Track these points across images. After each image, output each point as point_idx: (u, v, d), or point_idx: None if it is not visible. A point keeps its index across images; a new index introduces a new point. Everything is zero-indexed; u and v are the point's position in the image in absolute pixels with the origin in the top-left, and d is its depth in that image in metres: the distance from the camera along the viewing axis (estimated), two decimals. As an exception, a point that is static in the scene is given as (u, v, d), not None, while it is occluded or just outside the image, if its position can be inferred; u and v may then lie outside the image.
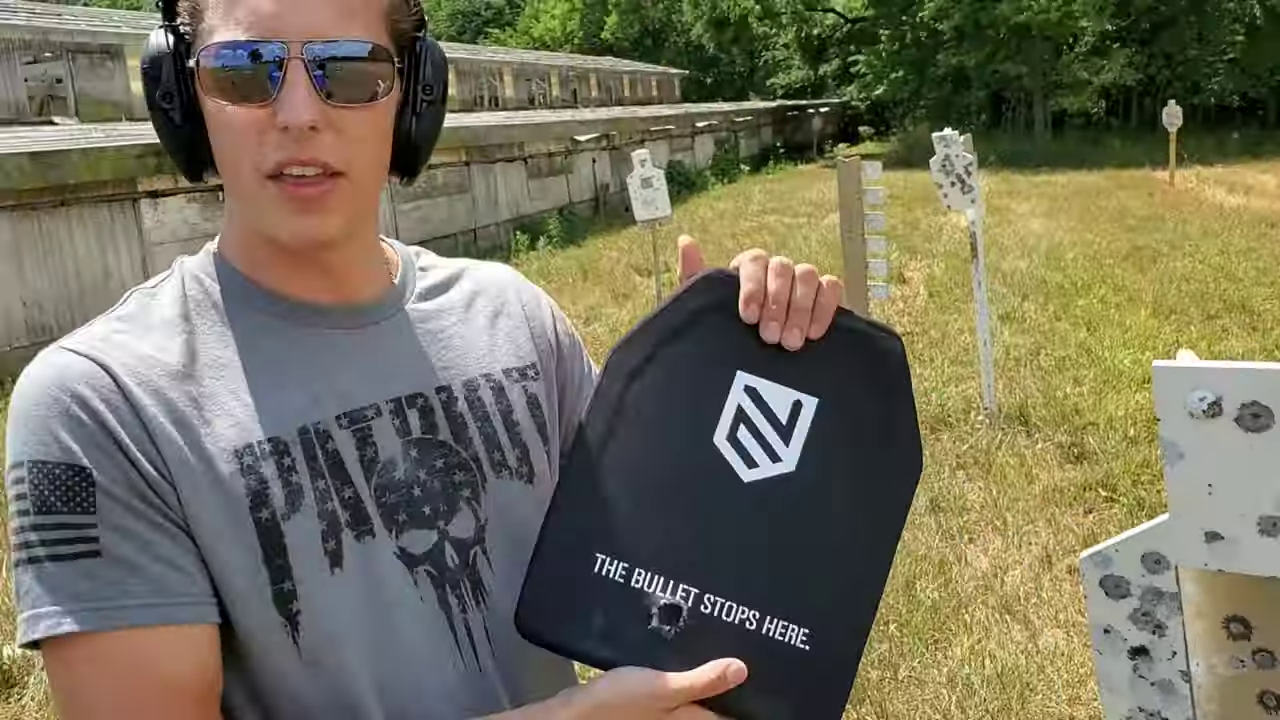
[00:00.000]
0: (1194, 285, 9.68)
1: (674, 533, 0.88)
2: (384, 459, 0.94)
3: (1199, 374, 1.09)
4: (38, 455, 0.83)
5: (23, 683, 3.96)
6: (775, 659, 0.87)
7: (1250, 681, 1.24)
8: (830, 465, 0.90)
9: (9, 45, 15.55)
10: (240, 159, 0.87)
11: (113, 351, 0.87)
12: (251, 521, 0.86)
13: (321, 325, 0.95)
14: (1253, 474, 1.09)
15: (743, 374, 0.91)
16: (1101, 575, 1.25)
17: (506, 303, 1.11)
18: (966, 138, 6.28)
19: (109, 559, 0.81)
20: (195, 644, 0.84)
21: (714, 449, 0.90)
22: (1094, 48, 31.12)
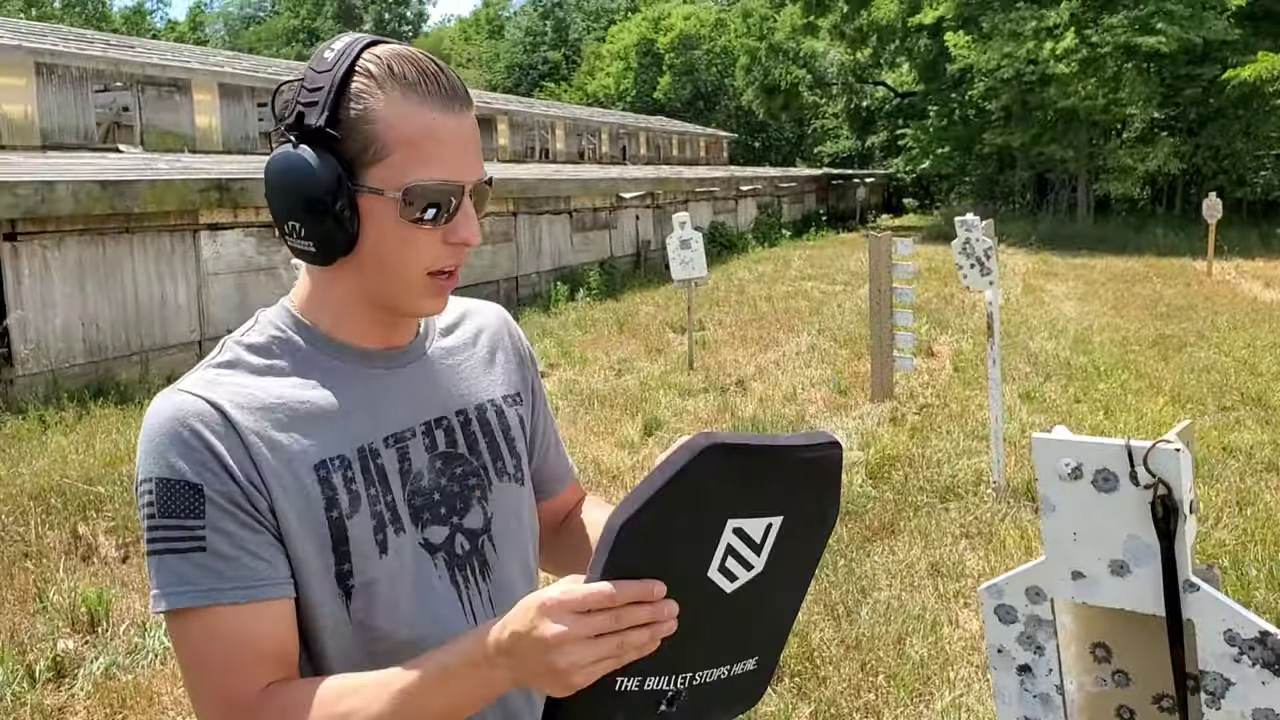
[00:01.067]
0: (1214, 376, 9.85)
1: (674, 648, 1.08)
2: (415, 470, 1.25)
3: (1065, 445, 1.40)
4: (162, 474, 1.11)
5: (73, 674, 4.27)
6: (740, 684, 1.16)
7: (1111, 698, 1.53)
8: (785, 559, 1.15)
9: (83, 74, 16.23)
10: (414, 261, 1.18)
11: (219, 391, 1.16)
12: (325, 520, 1.17)
13: (376, 366, 1.27)
14: (1106, 526, 1.40)
15: (732, 520, 1.10)
16: (995, 604, 1.55)
17: (501, 340, 1.44)
18: (988, 223, 6.57)
19: (212, 553, 1.10)
20: (275, 615, 1.13)
21: (707, 580, 1.10)
22: (1141, 135, 31.37)
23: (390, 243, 1.17)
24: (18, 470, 6.93)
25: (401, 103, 1.14)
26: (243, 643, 1.10)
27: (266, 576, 1.12)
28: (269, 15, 77.79)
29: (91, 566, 5.42)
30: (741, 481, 1.09)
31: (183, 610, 1.10)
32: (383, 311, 1.25)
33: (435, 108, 1.15)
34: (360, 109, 1.13)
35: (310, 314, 1.26)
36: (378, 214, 1.16)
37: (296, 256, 1.21)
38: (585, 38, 69.59)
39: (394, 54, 1.16)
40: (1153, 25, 26.21)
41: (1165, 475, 1.32)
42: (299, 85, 1.17)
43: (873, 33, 38.34)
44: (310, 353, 1.24)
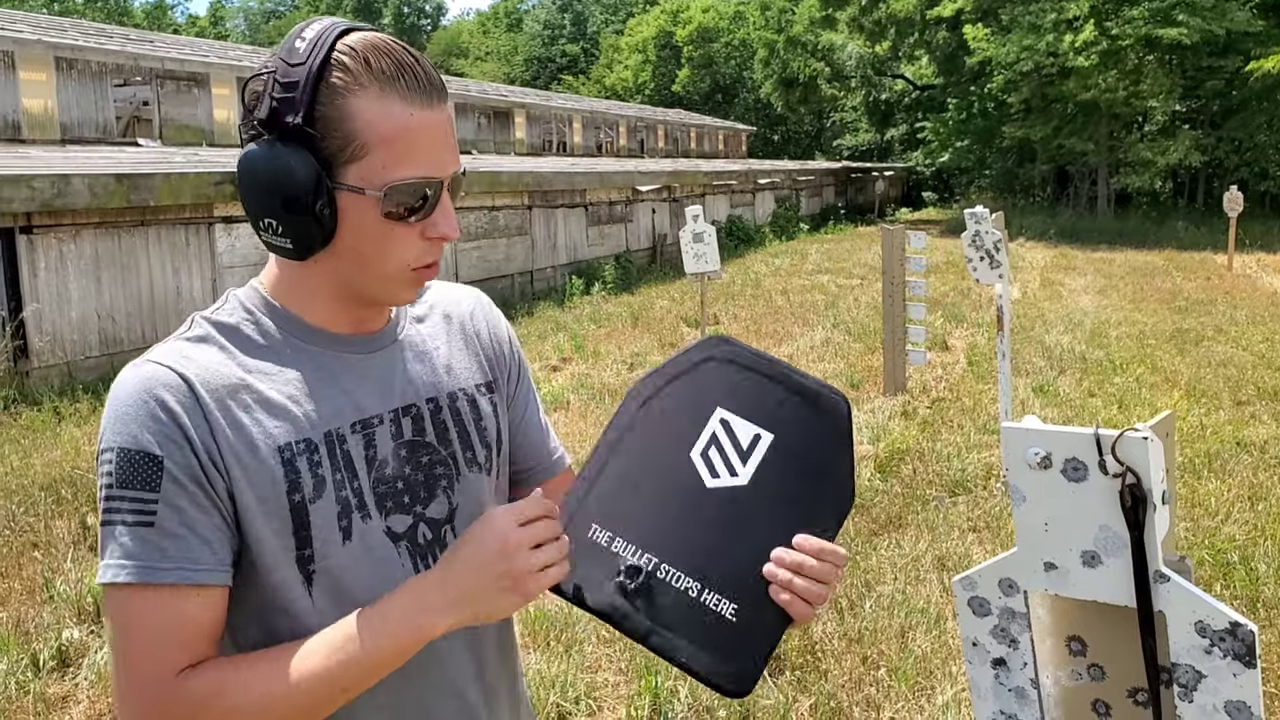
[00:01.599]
0: (1231, 371, 9.77)
1: (648, 516, 1.19)
2: (380, 457, 1.24)
3: (1033, 434, 1.38)
4: (124, 443, 1.10)
5: (77, 664, 4.30)
6: (707, 621, 1.15)
7: (1086, 691, 1.51)
8: (774, 483, 1.20)
9: (103, 68, 16.33)
10: (395, 257, 1.17)
11: (189, 365, 1.15)
12: (287, 502, 1.16)
13: (345, 350, 1.26)
14: (1076, 516, 1.38)
15: (720, 409, 1.23)
16: (969, 596, 1.53)
17: (476, 325, 1.42)
18: (998, 215, 6.52)
19: (159, 529, 1.09)
20: (207, 600, 1.12)
21: (689, 460, 1.22)
22: (1162, 128, 31.13)
23: (370, 239, 1.17)
24: (30, 461, 6.98)
25: (380, 99, 1.12)
26: (171, 626, 1.10)
27: (206, 561, 1.11)
28: (289, 10, 78.03)
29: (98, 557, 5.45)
30: (740, 380, 1.23)
31: (121, 584, 1.09)
32: (356, 300, 1.24)
33: (414, 103, 1.14)
34: (338, 106, 1.11)
35: (281, 298, 1.25)
36: (357, 211, 1.15)
37: (272, 251, 1.20)
38: (603, 31, 69.54)
39: (369, 45, 1.14)
40: (1174, 17, 25.98)
41: (1134, 464, 1.30)
42: (270, 78, 1.13)
43: (891, 25, 38.12)
44: (281, 336, 1.23)
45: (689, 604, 1.16)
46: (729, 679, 1.15)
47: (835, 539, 1.20)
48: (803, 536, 1.17)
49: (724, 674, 1.15)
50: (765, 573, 1.16)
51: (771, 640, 1.16)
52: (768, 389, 1.24)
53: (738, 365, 1.26)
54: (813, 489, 1.20)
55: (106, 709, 3.98)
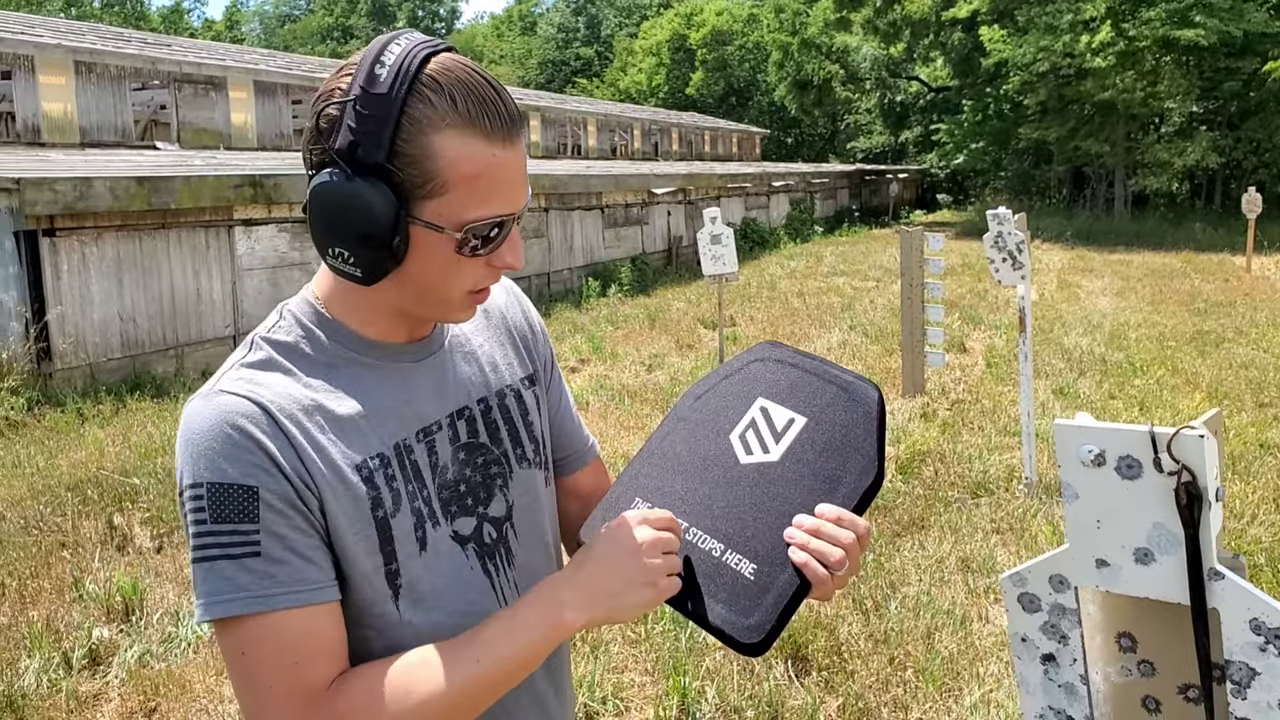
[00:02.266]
0: (1253, 372, 9.73)
1: (684, 489, 1.29)
2: (441, 463, 1.26)
3: (1087, 432, 1.38)
4: (213, 478, 1.07)
5: (108, 662, 4.33)
6: (726, 577, 1.21)
7: (1136, 688, 1.51)
8: (803, 460, 1.27)
9: (121, 72, 16.43)
10: (458, 284, 1.18)
11: (261, 391, 1.13)
12: (372, 519, 1.17)
13: (401, 360, 1.26)
14: (1129, 513, 1.38)
15: (761, 399, 1.34)
16: (1019, 593, 1.53)
17: (512, 316, 1.44)
18: (1020, 216, 6.51)
19: (265, 558, 1.08)
20: (325, 616, 1.12)
21: (727, 441, 1.32)
22: (1179, 129, 30.99)
23: (437, 270, 1.16)
24: (56, 462, 7.02)
25: (462, 139, 1.09)
26: (302, 643, 1.09)
27: (317, 580, 1.11)
28: (304, 13, 78.35)
29: (126, 556, 5.49)
30: (781, 376, 1.36)
31: (236, 618, 1.08)
32: (411, 318, 1.26)
33: (496, 143, 1.11)
34: (420, 143, 1.09)
35: (336, 311, 1.24)
36: (429, 245, 1.14)
37: (335, 274, 1.18)
38: (617, 34, 69.60)
39: (454, 80, 1.10)
40: (1191, 18, 25.86)
41: (1189, 461, 1.31)
42: (349, 106, 1.09)
43: (906, 27, 38.06)
44: (339, 350, 1.22)
45: (711, 562, 1.22)
46: (740, 630, 1.18)
47: (862, 514, 1.23)
48: (825, 505, 1.22)
49: (736, 625, 1.18)
50: (785, 535, 1.20)
51: (788, 598, 1.19)
52: (806, 380, 1.34)
53: (782, 363, 1.38)
54: (840, 465, 1.26)
55: (138, 706, 4.01)
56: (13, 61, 14.81)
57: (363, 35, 70.68)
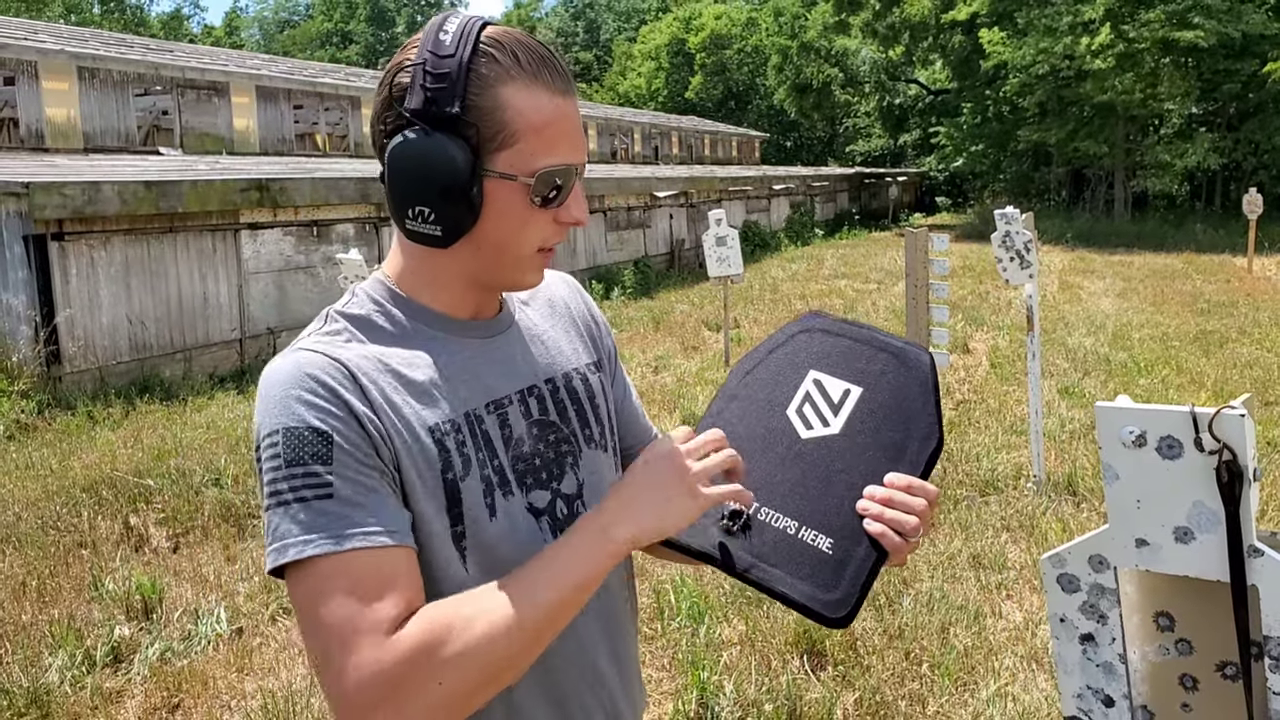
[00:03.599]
0: (1257, 372, 9.76)
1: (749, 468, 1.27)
2: (516, 436, 1.29)
3: (1129, 413, 1.42)
4: (289, 424, 1.10)
5: (129, 659, 4.37)
6: (804, 554, 1.22)
7: (1174, 666, 1.55)
8: (864, 430, 1.29)
9: (124, 78, 16.46)
10: (528, 239, 1.23)
11: (339, 349, 1.19)
12: (442, 481, 1.20)
13: (469, 335, 1.30)
14: (1170, 493, 1.42)
15: (813, 371, 1.35)
16: (1058, 573, 1.57)
17: (576, 307, 1.49)
18: (1028, 216, 6.55)
19: (339, 499, 1.09)
20: (400, 560, 1.13)
21: (785, 417, 1.32)
22: (1179, 130, 31.04)
23: (511, 224, 1.21)
24: (69, 464, 7.06)
25: (528, 89, 1.17)
26: (375, 585, 1.09)
27: (391, 525, 1.12)
28: (303, 19, 78.42)
29: (144, 556, 5.52)
30: (831, 346, 1.36)
31: (309, 560, 1.08)
32: (484, 286, 1.29)
33: (558, 93, 1.19)
34: (490, 95, 1.16)
35: (406, 287, 1.29)
36: (503, 197, 1.19)
37: (413, 240, 1.22)
38: (616, 38, 69.71)
39: (512, 39, 1.19)
40: (1190, 20, 25.91)
41: (1230, 440, 1.35)
42: (419, 69, 1.15)
43: (905, 30, 38.11)
44: (410, 325, 1.27)
45: (787, 540, 1.23)
46: (827, 606, 1.19)
47: (928, 479, 1.25)
48: (894, 474, 1.24)
49: (822, 602, 1.19)
50: (859, 507, 1.22)
51: (867, 570, 1.20)
52: (856, 349, 1.35)
53: (828, 333, 1.38)
54: (901, 433, 1.27)
55: (162, 702, 4.04)
56: (16, 67, 14.84)
57: (361, 41, 70.76)
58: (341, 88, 20.91)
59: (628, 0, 72.73)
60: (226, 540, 5.73)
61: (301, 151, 20.04)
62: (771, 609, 4.75)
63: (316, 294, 12.14)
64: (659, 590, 4.90)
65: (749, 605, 4.80)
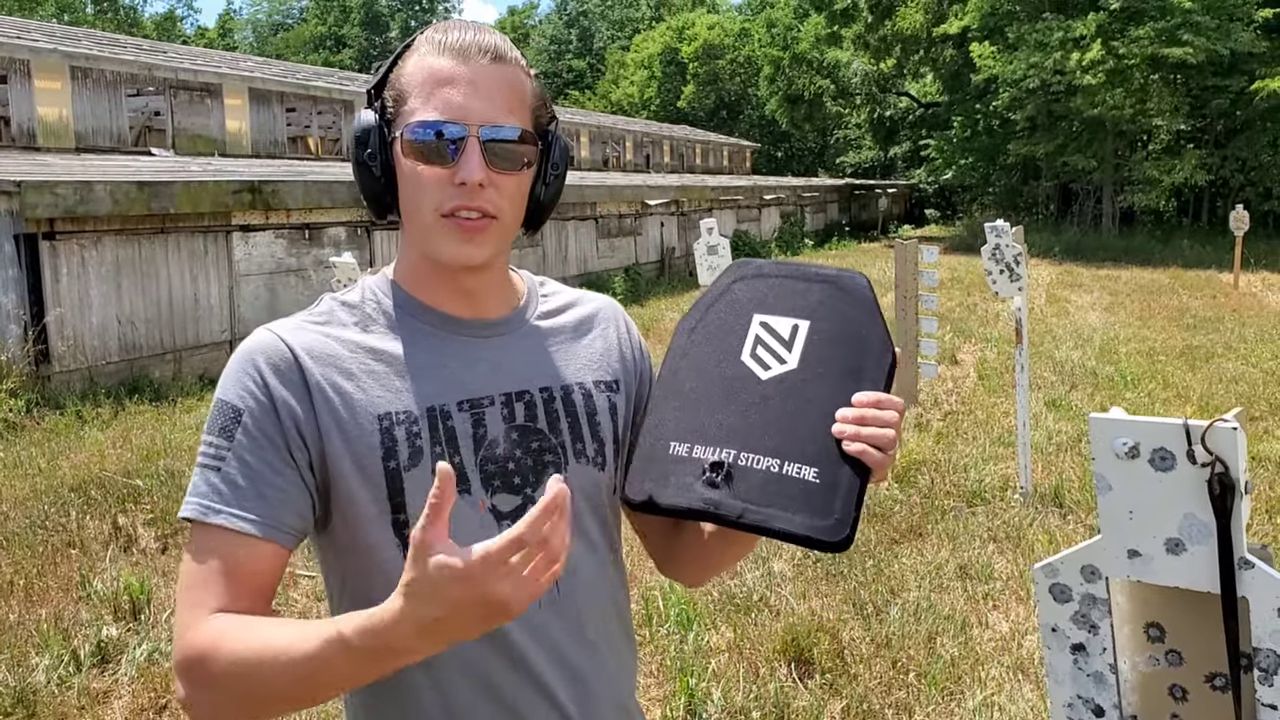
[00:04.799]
0: (1242, 387, 9.83)
1: (717, 419, 1.29)
2: (490, 437, 1.29)
3: (1122, 425, 1.44)
4: (221, 395, 1.22)
5: (117, 660, 4.35)
6: (794, 489, 1.22)
7: (1164, 677, 1.57)
8: (821, 359, 1.30)
9: (117, 78, 16.41)
10: (424, 202, 1.25)
11: (299, 335, 1.25)
12: (383, 468, 1.23)
13: (459, 332, 1.32)
14: (1162, 504, 1.44)
15: (757, 315, 1.35)
16: (1050, 583, 1.59)
17: (608, 330, 1.47)
18: (1018, 229, 6.60)
19: (223, 476, 1.18)
20: (259, 553, 1.18)
21: (741, 363, 1.33)
22: (1167, 146, 31.24)
23: (408, 187, 1.26)
24: (57, 463, 7.04)
25: (423, 56, 1.25)
26: (214, 567, 1.16)
27: (260, 514, 1.18)
28: (297, 22, 78.34)
29: (132, 557, 5.51)
30: (768, 288, 1.37)
31: (192, 521, 1.18)
32: (434, 266, 1.30)
33: (449, 56, 1.24)
34: (397, 70, 1.27)
35: (401, 279, 1.34)
36: (400, 161, 1.25)
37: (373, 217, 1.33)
38: (610, 46, 69.81)
39: (446, 25, 1.28)
40: (1179, 37, 26.09)
41: (1222, 453, 1.37)
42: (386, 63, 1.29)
43: (897, 43, 38.30)
44: (398, 313, 1.31)
45: (773, 479, 1.23)
46: (826, 531, 1.20)
47: (889, 392, 1.27)
48: (860, 394, 1.25)
49: (820, 528, 1.20)
50: (834, 431, 1.23)
51: (857, 490, 1.22)
52: (793, 285, 1.37)
53: (762, 276, 1.39)
54: (857, 354, 1.29)
55: (149, 703, 4.03)
56: (8, 66, 14.79)
57: (355, 45, 70.70)
58: (335, 91, 20.89)
59: (621, 9, 72.87)
60: (215, 542, 5.72)
61: (294, 154, 20.01)
62: (759, 616, 4.77)
63: (308, 297, 12.12)
64: (648, 597, 4.91)
65: (737, 612, 4.82)
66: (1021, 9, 30.49)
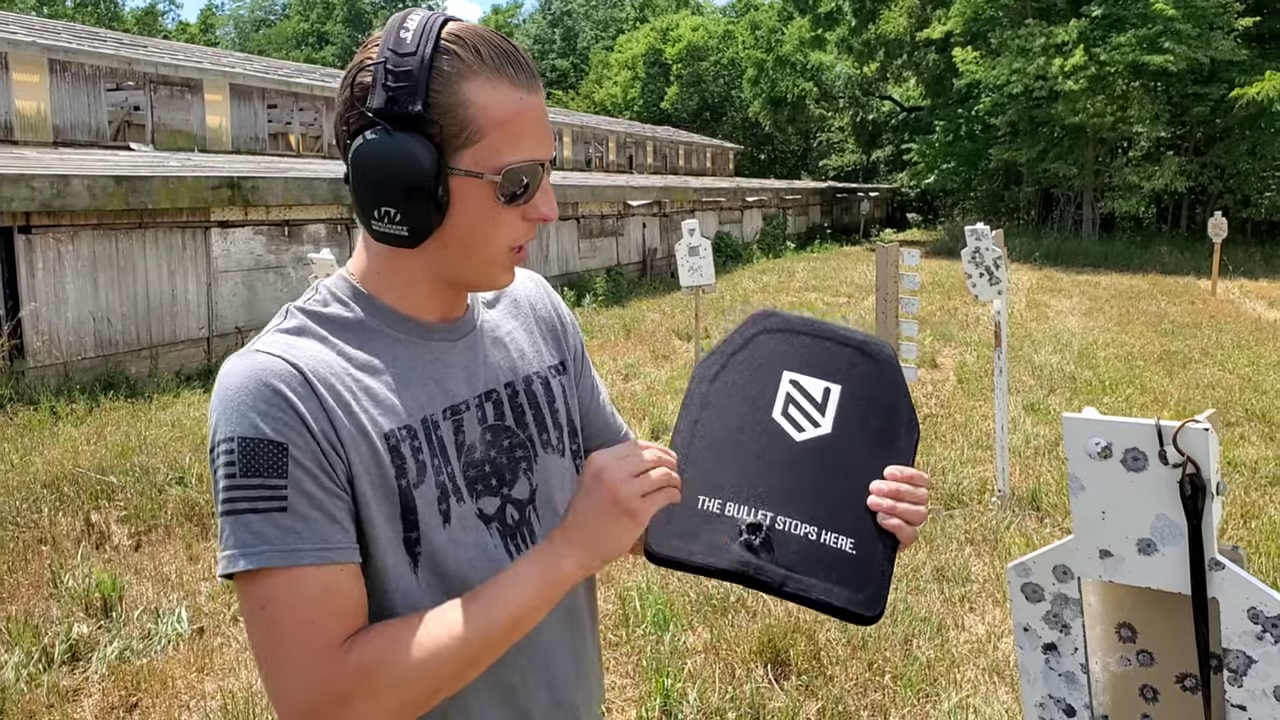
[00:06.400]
0: (1219, 393, 9.90)
1: (751, 477, 1.27)
2: (468, 442, 1.28)
3: (1095, 425, 1.44)
4: (245, 432, 1.09)
5: (87, 658, 4.31)
6: (831, 558, 1.22)
7: (1134, 677, 1.57)
8: (854, 427, 1.30)
9: (96, 72, 16.28)
10: (498, 239, 1.21)
11: (297, 354, 1.15)
12: (396, 488, 1.19)
13: (432, 338, 1.29)
14: (1134, 505, 1.44)
15: (787, 372, 1.34)
16: (1022, 582, 1.58)
17: (542, 307, 1.47)
18: (997, 233, 6.61)
19: (292, 513, 1.10)
20: (346, 576, 1.14)
21: (773, 421, 1.31)
22: (1147, 153, 31.42)
23: (480, 222, 1.19)
24: (30, 459, 6.97)
25: (491, 84, 1.15)
26: (321, 601, 1.10)
27: (340, 540, 1.13)
28: (279, 18, 78.00)
29: (104, 554, 5.46)
30: (795, 345, 1.35)
31: (260, 571, 1.10)
32: (450, 286, 1.27)
33: (521, 88, 1.17)
34: (452, 92, 1.14)
35: (371, 286, 1.26)
36: (470, 195, 1.17)
37: (380, 240, 1.20)
38: (594, 47, 69.80)
39: (472, 34, 1.17)
40: (1161, 44, 26.28)
41: (1194, 454, 1.37)
42: (380, 68, 1.14)
43: (880, 47, 38.45)
44: (373, 325, 1.25)
45: (812, 547, 1.23)
46: (863, 605, 1.21)
47: (914, 464, 1.29)
48: (893, 468, 1.26)
49: (858, 601, 1.21)
50: (871, 505, 1.24)
51: (890, 563, 1.24)
52: (822, 346, 1.36)
53: (789, 332, 1.38)
54: (887, 424, 1.30)
55: (119, 701, 3.99)
56: (-14, 58, 14.67)
57: (338, 42, 70.44)
58: (316, 88, 20.80)
59: (605, 9, 72.88)
60: (189, 539, 5.67)
61: (275, 151, 19.92)
62: (736, 617, 4.76)
63: (286, 294, 12.05)
64: (624, 597, 4.90)
65: (714, 613, 4.81)
66: (1004, 15, 30.67)
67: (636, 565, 5.25)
